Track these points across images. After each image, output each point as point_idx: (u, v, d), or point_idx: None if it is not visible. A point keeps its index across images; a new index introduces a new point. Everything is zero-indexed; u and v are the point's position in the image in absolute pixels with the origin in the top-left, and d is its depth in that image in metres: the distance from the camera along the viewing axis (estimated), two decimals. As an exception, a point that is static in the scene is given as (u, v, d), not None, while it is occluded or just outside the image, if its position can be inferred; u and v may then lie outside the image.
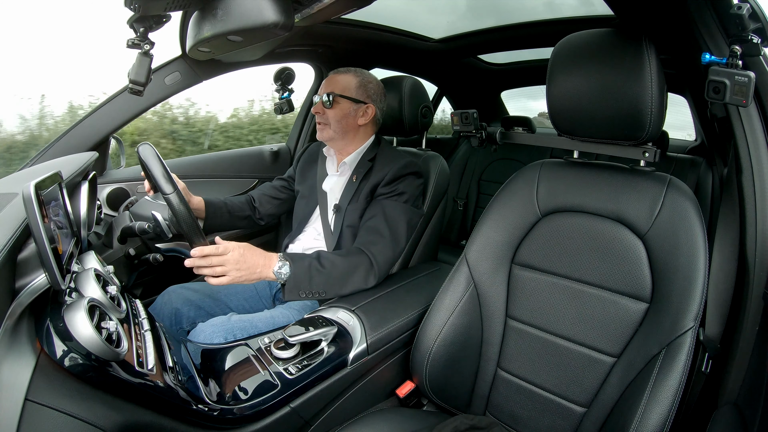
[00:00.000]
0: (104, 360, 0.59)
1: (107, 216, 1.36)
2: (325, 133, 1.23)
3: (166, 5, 0.83)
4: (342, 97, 1.20)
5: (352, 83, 1.22)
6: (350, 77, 1.23)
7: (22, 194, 0.57)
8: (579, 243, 0.89)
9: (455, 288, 0.98)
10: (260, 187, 1.47)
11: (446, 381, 0.97)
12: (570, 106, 0.87)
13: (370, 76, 1.26)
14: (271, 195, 1.42)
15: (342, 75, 1.23)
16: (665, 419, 0.70)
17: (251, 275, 0.95)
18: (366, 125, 1.25)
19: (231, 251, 0.92)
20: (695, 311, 0.74)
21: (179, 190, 0.84)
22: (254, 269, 0.95)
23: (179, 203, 0.83)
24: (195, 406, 0.74)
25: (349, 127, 1.23)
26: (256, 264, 0.96)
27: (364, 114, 1.23)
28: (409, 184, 1.19)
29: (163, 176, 0.83)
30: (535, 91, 2.68)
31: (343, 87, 1.21)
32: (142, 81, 1.02)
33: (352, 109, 1.21)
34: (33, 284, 0.59)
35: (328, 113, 1.21)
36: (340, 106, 1.21)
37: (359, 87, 1.22)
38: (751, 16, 0.68)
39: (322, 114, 1.22)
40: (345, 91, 1.21)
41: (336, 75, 1.24)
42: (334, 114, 1.21)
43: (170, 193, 0.83)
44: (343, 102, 1.21)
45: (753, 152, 0.81)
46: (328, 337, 0.92)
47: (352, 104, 1.21)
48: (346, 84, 1.21)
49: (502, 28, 1.72)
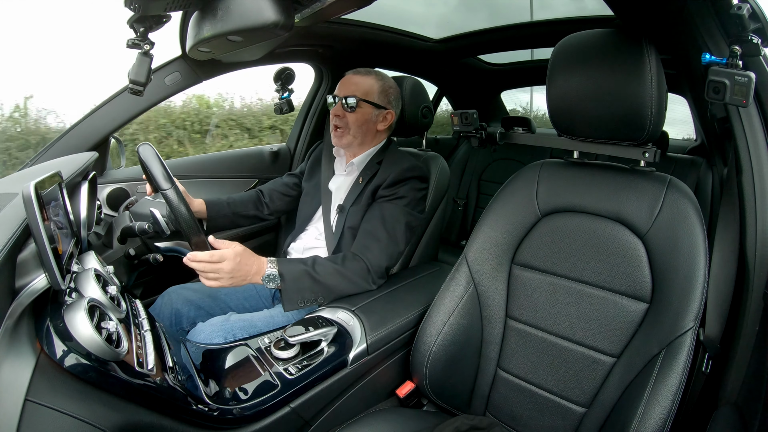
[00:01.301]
0: (104, 360, 0.59)
1: (107, 216, 1.36)
2: (344, 140, 1.19)
3: (166, 5, 0.83)
4: (365, 102, 1.17)
5: (375, 87, 1.18)
6: (372, 81, 1.19)
7: (22, 194, 0.57)
8: (579, 243, 0.89)
9: (455, 288, 0.98)
10: (271, 182, 1.45)
11: (446, 381, 0.97)
12: (570, 106, 0.87)
13: (390, 80, 1.23)
14: (282, 191, 1.40)
15: (364, 77, 1.19)
16: (665, 419, 0.70)
17: (243, 281, 0.96)
18: (383, 131, 1.24)
19: (225, 260, 0.91)
20: (695, 311, 0.74)
21: (176, 186, 0.84)
22: (246, 276, 0.95)
23: (176, 198, 0.83)
24: (195, 406, 0.74)
25: (369, 132, 1.21)
26: (249, 271, 0.96)
27: (384, 119, 1.21)
28: (411, 188, 1.17)
29: (162, 174, 0.82)
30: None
31: (365, 91, 1.17)
32: (142, 81, 1.02)
33: (373, 114, 1.19)
34: (33, 284, 0.59)
35: (348, 117, 1.17)
36: (363, 111, 1.17)
37: (381, 92, 1.19)
38: (751, 16, 0.68)
39: (342, 117, 1.17)
40: (368, 96, 1.17)
41: (356, 76, 1.19)
42: (356, 119, 1.17)
43: (167, 188, 0.82)
44: (366, 107, 1.17)
45: (753, 152, 0.81)
46: (328, 338, 0.92)
47: (374, 109, 1.18)
48: (369, 88, 1.18)
49: (502, 28, 1.72)
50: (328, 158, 1.33)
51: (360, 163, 1.24)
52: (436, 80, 2.47)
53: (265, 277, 0.98)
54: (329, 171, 1.31)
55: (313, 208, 1.30)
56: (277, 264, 1.00)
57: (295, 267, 1.01)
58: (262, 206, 1.39)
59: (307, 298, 1.01)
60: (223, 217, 1.30)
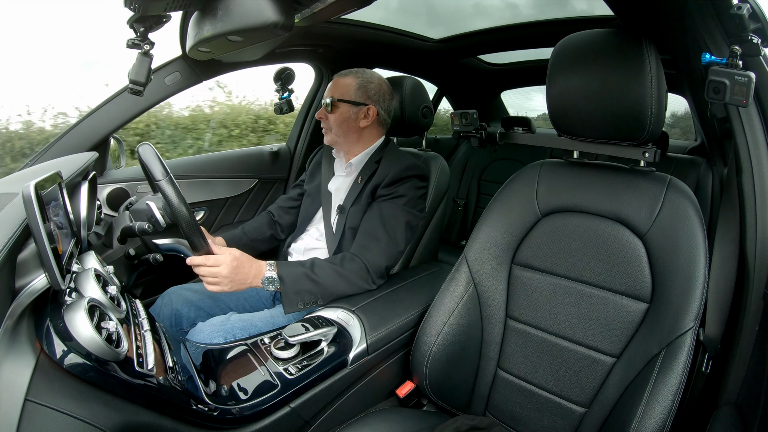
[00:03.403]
0: (104, 360, 0.59)
1: (107, 216, 1.36)
2: (329, 137, 1.24)
3: (166, 5, 0.83)
4: (341, 101, 1.20)
5: (352, 86, 1.21)
6: (350, 80, 1.22)
7: (22, 194, 0.57)
8: (579, 243, 0.89)
9: (455, 288, 0.98)
10: (279, 199, 1.47)
11: (446, 381, 0.97)
12: (570, 106, 0.87)
13: (371, 76, 1.24)
14: (288, 206, 1.42)
15: (343, 78, 1.23)
16: (665, 419, 0.70)
17: (241, 285, 0.97)
18: (370, 126, 1.24)
19: (222, 265, 0.92)
20: (695, 311, 0.74)
21: (171, 176, 0.83)
22: (245, 280, 0.96)
23: (172, 190, 0.82)
24: (195, 406, 0.74)
25: (351, 130, 1.22)
26: (247, 275, 0.96)
27: (366, 116, 1.22)
28: (410, 187, 1.17)
29: (160, 169, 0.82)
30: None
31: (342, 91, 1.21)
32: (142, 81, 1.02)
33: (351, 112, 1.21)
34: (33, 284, 0.59)
35: (329, 118, 1.21)
36: (340, 111, 1.20)
37: (359, 89, 1.21)
38: (751, 16, 0.68)
39: (324, 119, 1.23)
40: (344, 95, 1.20)
41: (338, 78, 1.23)
42: (334, 119, 1.21)
43: (161, 179, 0.82)
44: (342, 106, 1.20)
45: (753, 152, 0.81)
46: (328, 337, 0.92)
47: (352, 107, 1.20)
48: (345, 88, 1.21)
49: (502, 28, 1.72)
50: (328, 159, 1.34)
51: (358, 162, 1.25)
52: (436, 80, 2.47)
53: (264, 279, 0.98)
54: (329, 172, 1.31)
55: (313, 209, 1.31)
56: (276, 267, 1.00)
57: (294, 269, 1.02)
58: (276, 226, 1.41)
59: (307, 300, 1.01)
60: (243, 247, 1.31)
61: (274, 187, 1.89)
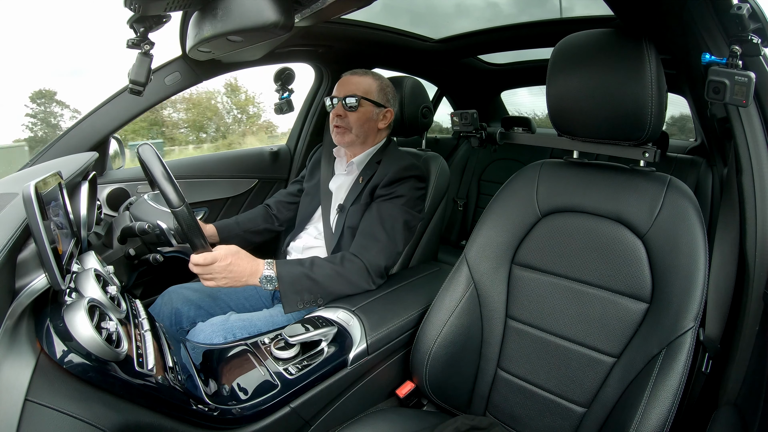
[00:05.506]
0: (104, 360, 0.59)
1: (107, 216, 1.36)
2: (347, 138, 1.20)
3: (166, 5, 0.83)
4: (366, 100, 1.18)
5: (374, 86, 1.20)
6: (371, 80, 1.20)
7: (22, 194, 0.57)
8: (579, 243, 0.89)
9: (455, 288, 0.98)
10: (276, 193, 1.47)
11: (446, 381, 0.97)
12: (570, 106, 0.87)
13: (386, 80, 1.24)
14: (287, 201, 1.42)
15: (362, 77, 1.20)
16: (665, 419, 0.70)
17: (237, 282, 0.96)
18: (383, 129, 1.25)
19: (217, 261, 0.92)
20: (695, 311, 0.74)
21: (187, 204, 0.83)
22: (240, 277, 0.96)
23: (187, 215, 0.83)
24: (195, 406, 0.74)
25: (371, 130, 1.22)
26: (243, 272, 0.96)
27: (384, 117, 1.22)
28: (408, 187, 1.17)
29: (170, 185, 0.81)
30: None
31: (365, 90, 1.19)
32: (142, 81, 1.02)
33: (374, 112, 1.20)
34: (33, 284, 0.59)
35: (350, 117, 1.18)
36: (364, 110, 1.18)
37: (380, 90, 1.20)
38: (751, 16, 0.68)
39: (343, 117, 1.19)
40: (368, 94, 1.18)
41: (355, 77, 1.21)
42: (358, 117, 1.18)
43: (179, 207, 0.81)
44: (367, 105, 1.18)
45: (753, 152, 0.81)
46: (328, 337, 0.92)
47: (375, 108, 1.20)
48: (368, 87, 1.19)
49: (502, 28, 1.73)
50: (327, 158, 1.33)
51: (360, 162, 1.25)
52: (436, 80, 2.47)
53: (262, 278, 0.98)
54: (329, 171, 1.31)
55: (312, 207, 1.31)
56: (275, 266, 1.00)
57: (292, 269, 1.01)
58: (272, 219, 1.41)
59: (306, 300, 1.01)
60: (235, 237, 1.31)
61: (274, 187, 1.90)
